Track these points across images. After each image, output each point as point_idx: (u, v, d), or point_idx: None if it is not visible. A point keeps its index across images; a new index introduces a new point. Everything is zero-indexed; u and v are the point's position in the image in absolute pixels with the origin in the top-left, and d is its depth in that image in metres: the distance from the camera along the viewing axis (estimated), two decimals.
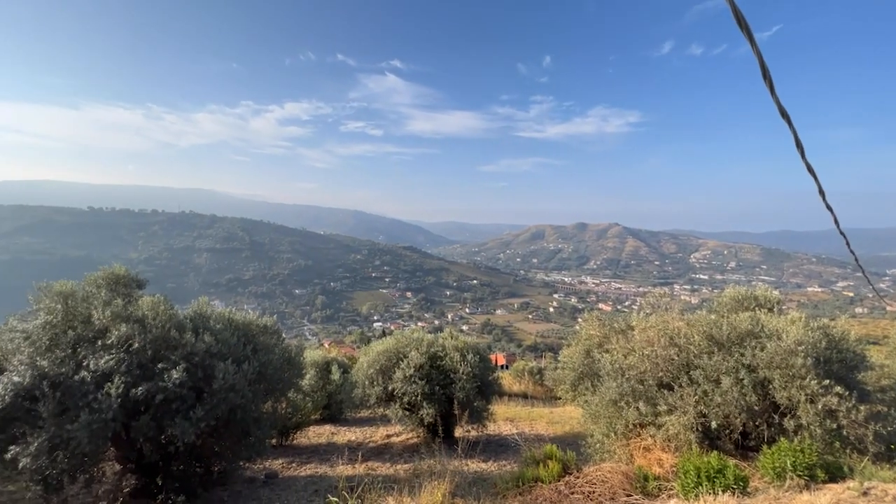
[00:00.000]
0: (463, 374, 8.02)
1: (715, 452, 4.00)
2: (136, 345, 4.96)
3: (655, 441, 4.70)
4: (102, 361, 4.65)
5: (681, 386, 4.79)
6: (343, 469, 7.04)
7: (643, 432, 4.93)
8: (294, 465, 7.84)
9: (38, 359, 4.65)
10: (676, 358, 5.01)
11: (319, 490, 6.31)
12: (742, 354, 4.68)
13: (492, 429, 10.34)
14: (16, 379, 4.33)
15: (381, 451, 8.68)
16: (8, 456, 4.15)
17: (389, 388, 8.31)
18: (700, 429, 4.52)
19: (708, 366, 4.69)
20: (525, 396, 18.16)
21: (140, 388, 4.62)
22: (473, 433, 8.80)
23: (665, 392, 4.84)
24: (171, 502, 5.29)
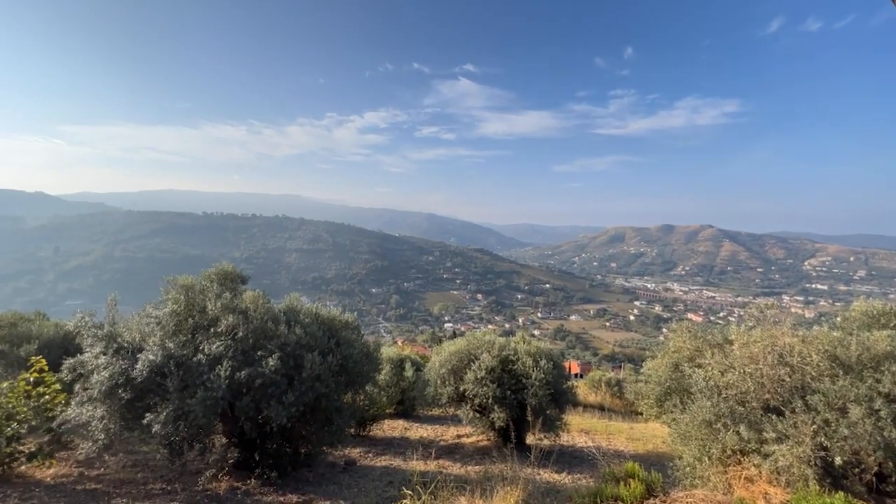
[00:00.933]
0: (536, 379, 7.82)
1: (840, 493, 3.42)
2: (241, 333, 5.61)
3: (761, 472, 4.14)
4: (214, 347, 5.33)
5: (793, 412, 4.17)
6: (416, 464, 7.25)
7: (744, 460, 4.38)
8: (370, 455, 8.25)
9: (166, 341, 5.48)
10: (788, 379, 4.37)
11: (394, 482, 6.56)
12: (878, 381, 3.94)
13: (565, 439, 9.92)
14: (150, 357, 5.14)
15: (452, 451, 8.78)
16: (144, 421, 4.95)
17: (461, 388, 8.39)
18: (819, 463, 3.89)
19: (831, 391, 4.02)
20: (601, 408, 17.17)
21: (243, 373, 5.21)
22: (546, 442, 8.52)
23: (773, 417, 4.24)
24: (265, 476, 5.88)
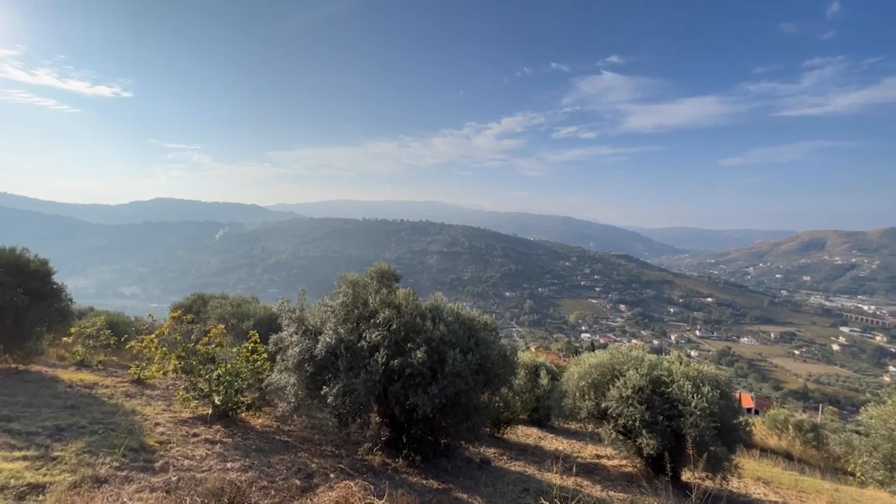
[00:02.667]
0: (696, 407, 6.74)
1: None
2: (394, 326, 6.31)
3: None
4: (374, 336, 6.12)
5: None
6: (552, 477, 7.01)
7: None
8: (504, 458, 8.30)
9: (338, 328, 6.52)
10: None
11: (529, 490, 6.47)
12: None
13: (735, 485, 8.29)
14: (327, 340, 6.20)
15: (591, 470, 8.21)
16: (322, 392, 5.98)
17: (602, 405, 7.78)
18: None
19: None
20: (788, 457, 13.80)
21: (396, 361, 5.85)
22: (709, 483, 7.28)
23: None
24: (411, 458, 6.46)
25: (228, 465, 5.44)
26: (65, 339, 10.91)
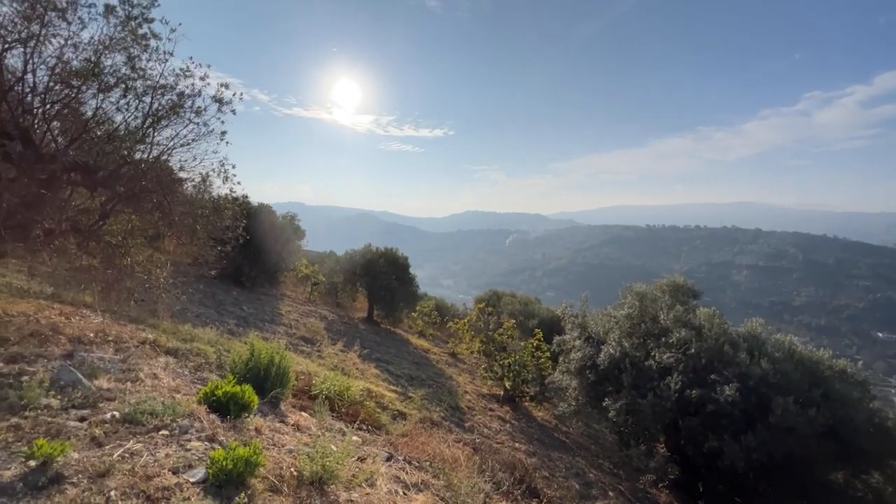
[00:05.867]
0: None
1: None
2: (692, 350, 5.39)
3: None
4: (665, 357, 5.44)
5: None
6: None
7: None
8: None
9: (623, 340, 6.19)
10: None
11: None
12: None
13: None
14: (610, 351, 5.99)
15: None
16: (603, 404, 5.84)
17: None
18: None
19: None
20: None
21: (694, 392, 4.99)
22: None
23: None
24: None
25: (516, 444, 6.14)
26: (412, 313, 15.30)
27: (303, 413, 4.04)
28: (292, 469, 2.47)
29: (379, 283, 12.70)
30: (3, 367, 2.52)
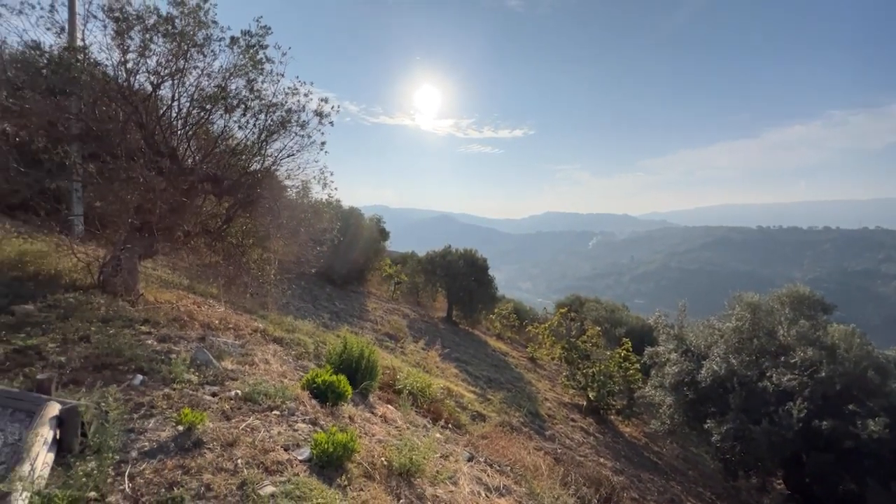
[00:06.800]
0: None
1: None
2: (822, 374, 4.58)
3: None
4: (785, 379, 4.70)
5: None
6: None
7: None
8: None
9: (729, 356, 5.49)
10: None
11: None
12: None
13: None
14: (714, 367, 5.35)
15: None
16: (705, 426, 5.23)
17: None
18: None
19: None
20: None
21: (824, 423, 4.23)
22: None
23: None
24: None
25: (601, 459, 5.78)
26: (491, 315, 15.26)
27: (388, 406, 4.26)
28: (382, 459, 2.61)
29: (458, 283, 12.89)
30: (157, 346, 3.06)
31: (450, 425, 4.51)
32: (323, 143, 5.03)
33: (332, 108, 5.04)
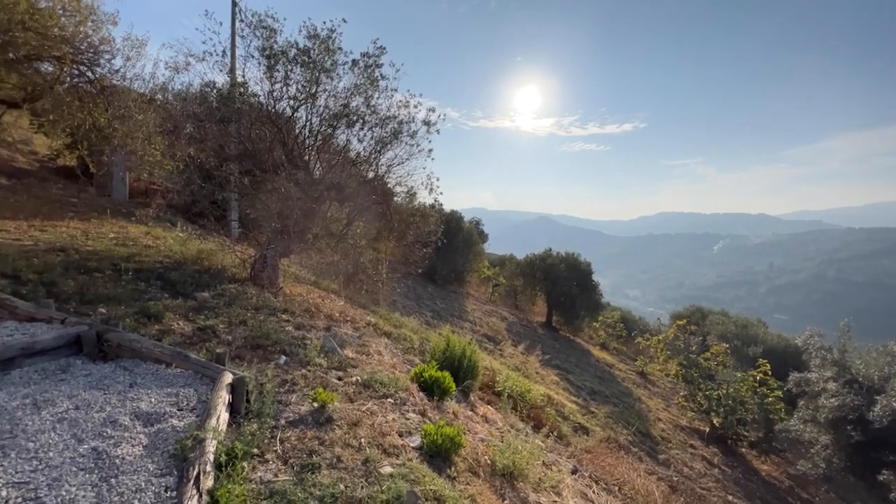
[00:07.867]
0: None
1: None
2: None
3: None
4: None
5: None
6: None
7: None
8: None
9: None
10: None
11: None
12: None
13: None
14: (894, 405, 4.28)
15: None
16: (880, 478, 4.21)
17: None
18: None
19: None
20: None
21: None
22: None
23: None
24: None
25: (730, 497, 5.04)
26: (594, 323, 14.37)
27: (489, 406, 4.32)
28: (486, 457, 2.67)
29: (559, 288, 12.44)
30: (294, 332, 3.57)
31: (553, 434, 4.39)
32: (430, 151, 5.33)
33: (439, 116, 5.31)
